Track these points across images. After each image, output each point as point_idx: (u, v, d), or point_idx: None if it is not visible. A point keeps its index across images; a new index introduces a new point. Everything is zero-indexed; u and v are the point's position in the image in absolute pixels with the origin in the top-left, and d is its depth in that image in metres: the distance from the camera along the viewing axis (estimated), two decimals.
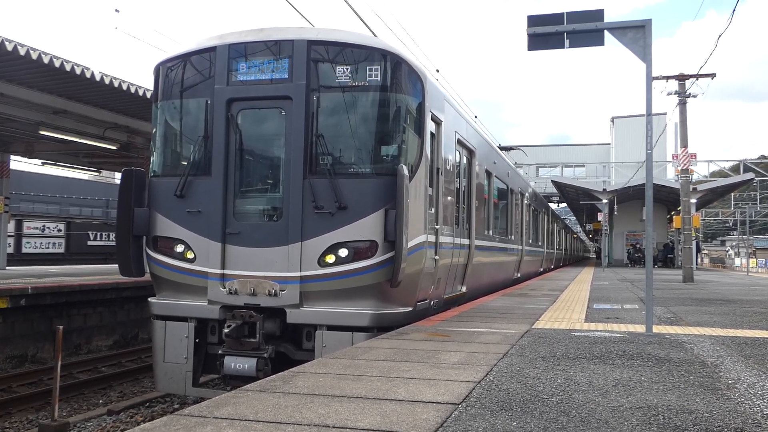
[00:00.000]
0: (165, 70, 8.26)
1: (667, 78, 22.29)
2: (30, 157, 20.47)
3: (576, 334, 6.95)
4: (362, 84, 7.46)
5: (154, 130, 8.34)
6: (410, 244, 7.31)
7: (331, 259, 7.27)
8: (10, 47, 10.72)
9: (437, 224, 8.50)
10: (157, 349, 7.96)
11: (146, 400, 10.17)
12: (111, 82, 12.90)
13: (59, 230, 27.93)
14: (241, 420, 3.36)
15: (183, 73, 8.10)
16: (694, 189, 29.77)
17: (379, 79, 7.46)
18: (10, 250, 23.02)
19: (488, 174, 13.04)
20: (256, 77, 7.67)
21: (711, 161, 44.06)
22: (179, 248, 7.80)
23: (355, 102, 7.53)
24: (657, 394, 4.08)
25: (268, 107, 7.76)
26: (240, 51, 7.74)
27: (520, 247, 18.07)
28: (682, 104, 22.21)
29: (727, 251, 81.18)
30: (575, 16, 7.45)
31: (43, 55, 11.34)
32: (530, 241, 20.85)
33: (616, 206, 38.77)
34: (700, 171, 43.01)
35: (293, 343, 7.64)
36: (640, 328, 7.41)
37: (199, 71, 8.00)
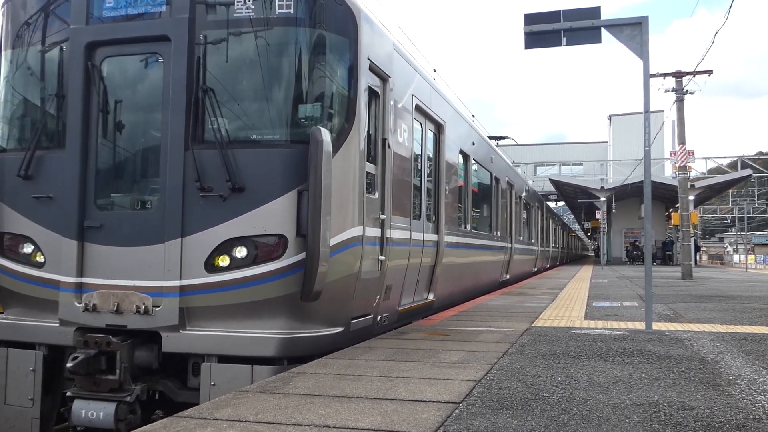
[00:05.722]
0: (13, 8, 6.29)
1: (664, 75, 22.36)
2: None
3: (576, 331, 6.95)
4: (268, 18, 5.54)
5: None
6: (336, 239, 5.47)
7: (224, 261, 5.39)
8: None
9: (383, 213, 6.51)
10: None
11: None
12: None
13: None
14: (241, 421, 3.35)
15: (35, 13, 6.16)
16: (692, 186, 29.80)
17: (291, 11, 5.52)
18: None
19: (465, 156, 10.94)
20: (125, 12, 5.77)
21: (708, 158, 44.18)
22: (27, 249, 5.90)
23: (259, 43, 5.62)
24: (658, 390, 4.08)
25: (140, 53, 5.82)
26: None
27: (508, 245, 16.15)
28: (680, 101, 22.27)
29: (726, 248, 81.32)
30: (572, 14, 7.48)
31: None
32: (521, 238, 18.95)
33: (614, 204, 38.89)
34: (697, 168, 43.09)
35: (178, 378, 5.59)
36: (640, 326, 7.41)
37: (54, 9, 6.10)
